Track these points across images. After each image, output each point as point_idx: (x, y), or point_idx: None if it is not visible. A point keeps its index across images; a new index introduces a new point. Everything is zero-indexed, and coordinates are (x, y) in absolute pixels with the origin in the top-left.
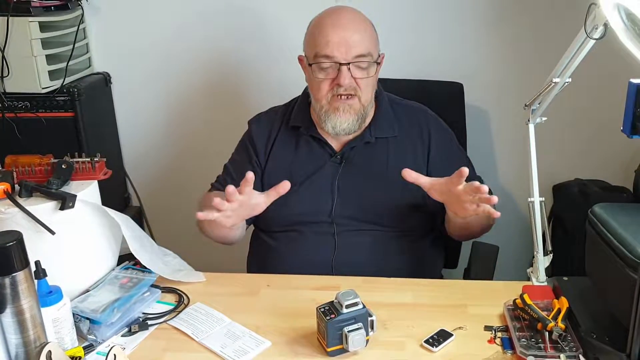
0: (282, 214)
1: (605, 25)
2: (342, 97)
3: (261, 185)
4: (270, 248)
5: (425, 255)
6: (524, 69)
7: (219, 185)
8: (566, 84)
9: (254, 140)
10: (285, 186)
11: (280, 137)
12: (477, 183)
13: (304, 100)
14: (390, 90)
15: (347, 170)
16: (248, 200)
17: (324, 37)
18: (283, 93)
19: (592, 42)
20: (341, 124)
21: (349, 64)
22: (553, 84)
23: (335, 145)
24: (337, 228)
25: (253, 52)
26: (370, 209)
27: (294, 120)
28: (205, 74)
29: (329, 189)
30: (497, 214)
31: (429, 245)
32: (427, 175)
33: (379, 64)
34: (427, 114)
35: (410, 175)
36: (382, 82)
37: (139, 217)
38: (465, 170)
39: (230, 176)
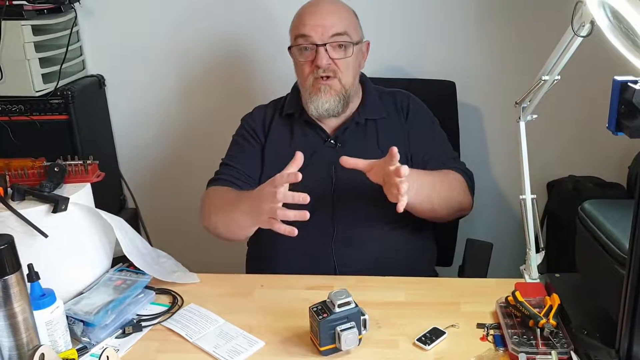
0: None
1: (592, 22)
2: (323, 78)
3: (260, 173)
4: (270, 244)
5: (422, 244)
6: (516, 66)
7: (223, 178)
8: (556, 81)
9: (252, 126)
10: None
11: (274, 126)
12: (398, 166)
13: (294, 91)
14: None
15: (342, 152)
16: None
17: (302, 21)
18: (279, 93)
19: (579, 39)
20: (323, 104)
21: (325, 44)
22: (542, 81)
23: (328, 128)
24: (336, 216)
25: (248, 52)
26: (368, 190)
27: (287, 108)
28: (199, 75)
29: (326, 172)
30: (400, 207)
31: (426, 235)
32: (408, 155)
33: (356, 44)
34: (409, 97)
35: (348, 162)
36: (373, 81)
37: (135, 219)
38: (395, 150)
39: (232, 168)
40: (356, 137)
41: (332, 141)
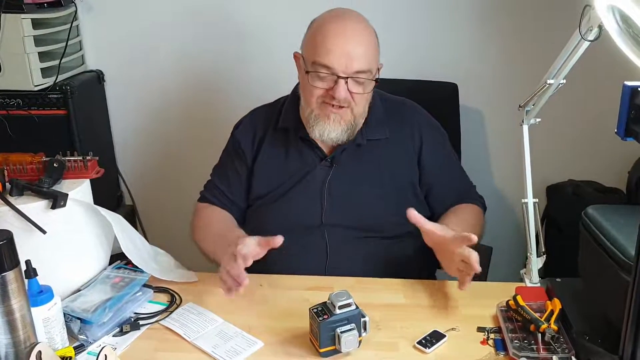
0: (272, 220)
1: (600, 27)
2: (334, 106)
3: (248, 189)
4: (262, 263)
5: (420, 258)
6: (519, 69)
7: (211, 196)
8: (560, 85)
9: (240, 144)
10: (277, 240)
11: (268, 140)
12: (472, 256)
13: (293, 101)
14: (385, 91)
15: (338, 174)
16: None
17: (325, 45)
18: (278, 90)
19: (586, 43)
20: (329, 132)
21: (347, 78)
22: (547, 85)
23: (326, 148)
24: (328, 235)
25: (247, 49)
26: (362, 213)
27: (282, 122)
28: (199, 71)
29: (318, 193)
30: (464, 287)
31: (424, 249)
32: (414, 178)
33: (376, 81)
34: (418, 113)
35: (415, 217)
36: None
37: (132, 216)
38: (474, 239)
39: (217, 189)
40: (354, 158)
41: (328, 160)
